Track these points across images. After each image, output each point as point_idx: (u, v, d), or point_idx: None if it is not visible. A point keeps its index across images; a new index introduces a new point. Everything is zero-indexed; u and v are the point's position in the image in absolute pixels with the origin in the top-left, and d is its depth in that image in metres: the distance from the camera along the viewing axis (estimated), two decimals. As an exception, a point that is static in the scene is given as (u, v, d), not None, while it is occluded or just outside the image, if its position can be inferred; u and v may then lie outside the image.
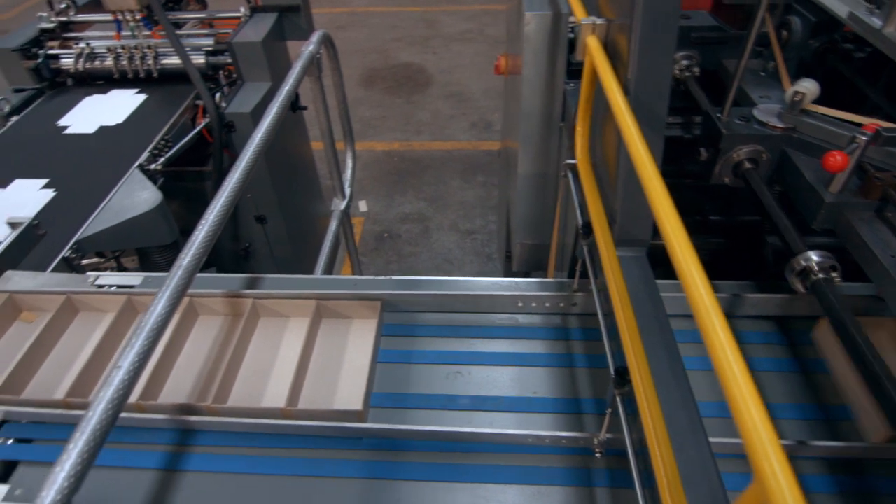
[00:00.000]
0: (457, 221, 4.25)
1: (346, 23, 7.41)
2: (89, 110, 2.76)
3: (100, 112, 2.73)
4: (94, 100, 2.86)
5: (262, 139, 1.37)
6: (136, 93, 2.89)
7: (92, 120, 2.67)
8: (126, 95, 2.87)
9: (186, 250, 1.06)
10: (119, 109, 2.74)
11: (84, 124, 2.64)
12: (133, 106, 2.77)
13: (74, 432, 0.78)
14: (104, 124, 2.63)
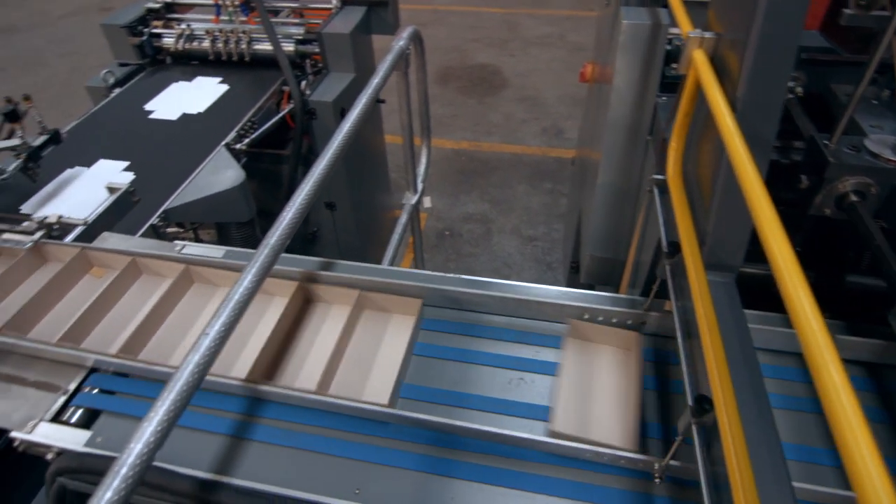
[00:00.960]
0: (519, 226, 4.21)
1: (427, 20, 7.49)
2: (174, 97, 2.88)
3: (184, 99, 2.84)
4: (180, 87, 2.99)
5: (351, 128, 1.40)
6: (219, 82, 3.00)
7: (175, 107, 2.78)
8: (210, 84, 2.99)
9: (273, 230, 1.10)
10: (202, 98, 2.84)
11: (168, 111, 2.75)
12: (216, 95, 2.87)
13: (163, 391, 0.82)
14: (187, 112, 2.75)
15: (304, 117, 2.80)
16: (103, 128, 2.66)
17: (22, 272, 1.47)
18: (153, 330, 1.33)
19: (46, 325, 1.33)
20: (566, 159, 4.84)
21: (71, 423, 1.16)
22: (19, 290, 1.46)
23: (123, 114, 2.77)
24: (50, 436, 1.13)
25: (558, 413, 1.11)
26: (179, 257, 1.45)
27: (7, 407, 1.20)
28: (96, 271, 1.52)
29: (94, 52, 7.10)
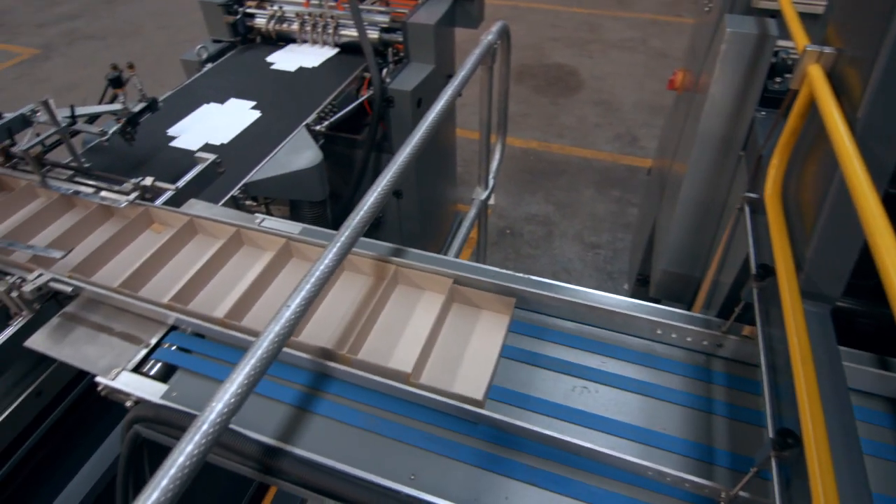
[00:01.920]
0: (583, 232, 4.13)
1: (507, 16, 7.43)
2: (289, 56, 3.08)
3: (298, 59, 3.05)
4: (295, 47, 3.19)
5: (435, 118, 1.41)
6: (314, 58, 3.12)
7: (293, 61, 3.01)
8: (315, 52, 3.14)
9: (357, 212, 1.13)
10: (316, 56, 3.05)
11: (286, 65, 2.98)
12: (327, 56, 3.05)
13: (245, 356, 0.85)
14: (303, 66, 2.95)
15: (382, 105, 2.85)
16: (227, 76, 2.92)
17: (122, 231, 1.56)
18: (233, 297, 1.38)
19: (135, 280, 1.40)
20: (638, 168, 4.71)
21: (150, 376, 1.23)
22: (114, 248, 1.54)
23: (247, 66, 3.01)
24: (130, 385, 1.21)
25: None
26: (272, 230, 1.50)
27: (95, 353, 1.29)
28: (157, 227, 1.61)
29: (188, 27, 7.47)
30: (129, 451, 1.20)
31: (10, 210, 1.69)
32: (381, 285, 1.35)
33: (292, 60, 3.04)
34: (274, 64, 3.02)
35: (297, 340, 1.19)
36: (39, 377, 1.51)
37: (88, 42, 7.45)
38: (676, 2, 7.79)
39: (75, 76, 6.56)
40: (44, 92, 5.09)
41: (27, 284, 1.34)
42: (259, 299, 1.38)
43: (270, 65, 3.01)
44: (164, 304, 1.30)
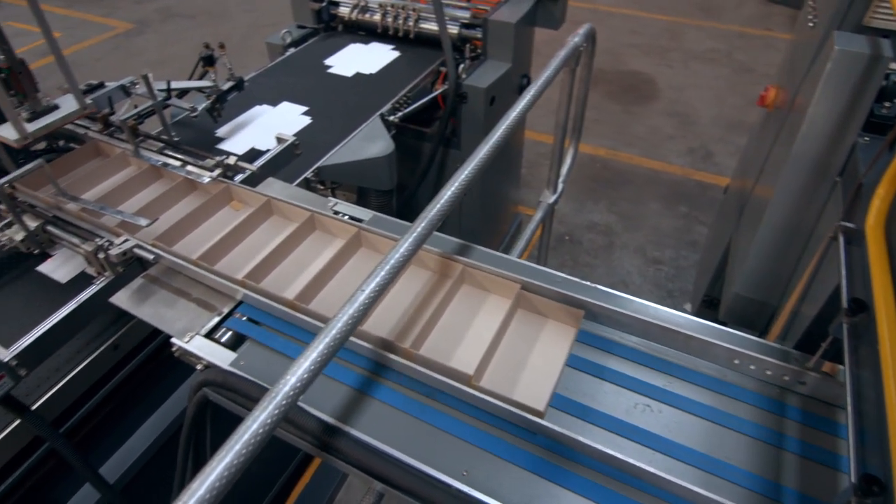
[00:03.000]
0: (645, 246, 4.02)
1: (585, 19, 7.26)
2: (351, 56, 3.09)
3: (359, 60, 3.04)
4: (356, 48, 3.19)
5: (517, 117, 1.40)
6: (391, 48, 3.16)
7: (351, 65, 2.98)
8: (383, 49, 3.15)
9: (433, 204, 1.14)
10: (375, 61, 3.02)
11: (344, 68, 2.96)
12: (387, 60, 3.04)
13: (319, 335, 0.87)
14: (360, 71, 2.92)
15: (455, 100, 2.85)
16: (286, 76, 2.91)
17: (203, 205, 1.63)
18: (303, 280, 1.42)
19: (212, 254, 1.46)
20: (710, 185, 4.53)
21: (220, 343, 1.28)
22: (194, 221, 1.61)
23: (305, 66, 3.01)
24: (202, 349, 1.26)
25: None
26: (329, 214, 1.53)
27: (172, 315, 1.36)
28: (235, 204, 1.67)
29: (272, 12, 7.75)
30: (196, 411, 1.26)
31: (104, 175, 1.80)
32: (447, 283, 1.36)
33: (351, 64, 2.99)
34: (332, 68, 2.97)
35: (360, 329, 1.21)
36: (117, 333, 1.61)
37: (180, 20, 7.84)
38: (767, 14, 7.43)
39: (165, 52, 6.92)
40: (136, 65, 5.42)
41: (114, 248, 1.43)
42: (327, 285, 1.41)
43: (328, 68, 2.96)
44: (237, 280, 1.35)
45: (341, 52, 3.13)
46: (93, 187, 1.76)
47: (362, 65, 2.98)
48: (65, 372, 1.51)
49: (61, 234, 1.51)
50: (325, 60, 3.04)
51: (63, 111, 1.60)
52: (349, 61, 3.03)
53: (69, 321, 1.41)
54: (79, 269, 1.70)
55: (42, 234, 1.55)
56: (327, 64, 3.00)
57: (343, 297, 1.36)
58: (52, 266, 1.74)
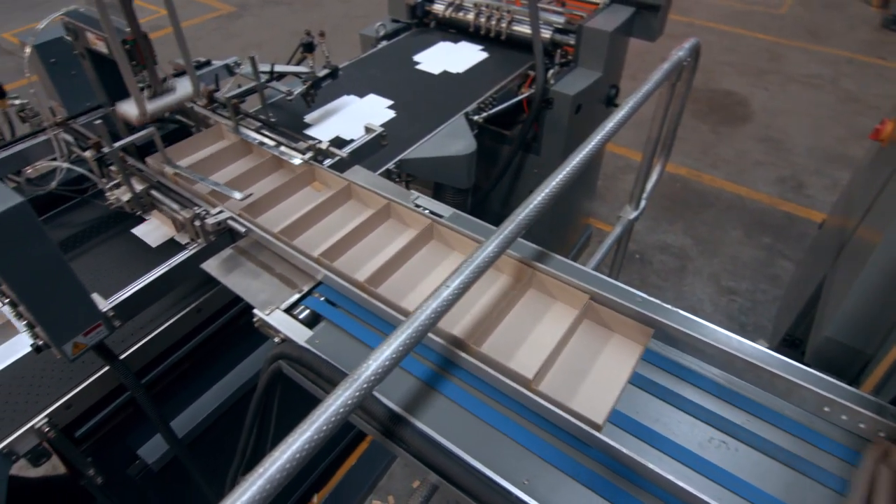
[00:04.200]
0: (720, 274, 3.83)
1: (679, 32, 7.03)
2: (440, 54, 3.12)
3: (447, 58, 3.07)
4: (445, 46, 3.22)
5: (614, 127, 1.37)
6: (480, 49, 3.16)
7: (439, 63, 3.01)
8: (472, 49, 3.16)
9: (522, 208, 1.13)
10: (463, 60, 3.04)
11: (432, 65, 3.00)
12: (475, 60, 3.05)
13: (402, 325, 0.89)
14: (448, 70, 2.95)
15: (541, 105, 2.83)
16: (376, 68, 2.98)
17: (288, 183, 1.69)
18: (374, 264, 1.45)
19: (292, 229, 1.51)
20: (799, 218, 4.26)
21: (299, 319, 1.32)
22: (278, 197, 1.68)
23: (393, 60, 3.07)
24: (281, 323, 1.31)
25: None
26: (409, 206, 1.55)
27: (256, 287, 1.42)
28: (317, 185, 1.73)
29: (365, 3, 7.95)
30: (269, 380, 1.31)
31: (203, 147, 1.91)
32: (514, 285, 1.35)
33: (439, 62, 3.02)
34: (420, 64, 3.01)
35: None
36: (200, 297, 1.70)
37: (277, 7, 8.19)
38: (881, 42, 6.91)
39: (261, 36, 7.25)
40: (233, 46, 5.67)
41: (210, 218, 1.50)
42: (396, 272, 1.43)
43: (416, 64, 3.01)
44: (313, 256, 1.39)
45: (430, 50, 3.16)
46: (192, 157, 1.86)
47: (450, 63, 3.00)
48: (151, 329, 1.61)
49: (163, 198, 1.61)
50: (415, 56, 3.08)
51: (179, 93, 1.71)
52: (437, 59, 3.06)
53: (163, 281, 1.50)
54: (168, 236, 1.81)
55: (146, 198, 1.66)
56: (416, 60, 3.05)
57: (410, 286, 1.40)
58: (145, 230, 1.87)
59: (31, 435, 1.40)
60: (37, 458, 1.45)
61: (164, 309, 1.66)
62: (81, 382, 1.47)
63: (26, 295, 1.19)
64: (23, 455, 1.40)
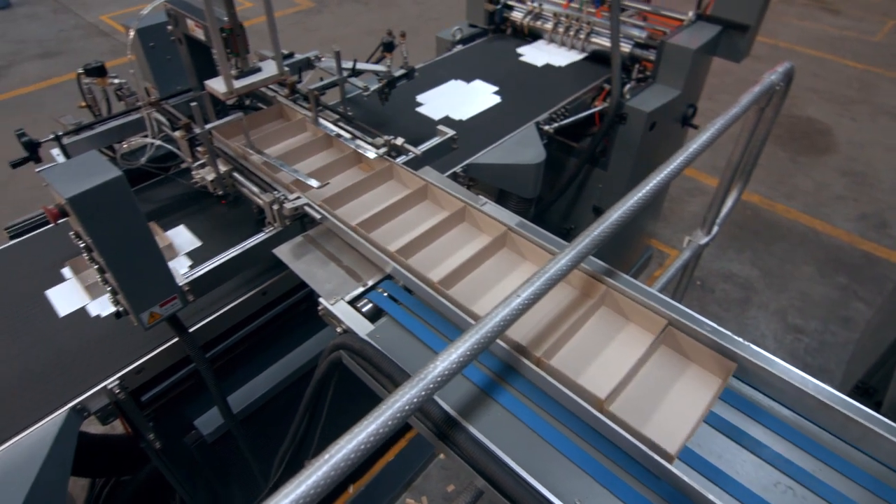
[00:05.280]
0: (787, 311, 3.64)
1: (763, 54, 6.76)
2: (538, 52, 3.16)
3: (546, 56, 3.11)
4: (523, 51, 3.22)
5: (698, 148, 1.33)
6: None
7: (541, 57, 3.07)
8: (562, 53, 3.16)
9: (598, 224, 1.11)
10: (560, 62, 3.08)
11: (534, 59, 3.07)
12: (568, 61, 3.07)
13: (471, 329, 0.89)
14: (550, 63, 3.00)
15: (614, 120, 2.77)
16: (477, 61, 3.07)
17: (367, 178, 1.72)
18: (447, 266, 1.45)
19: (369, 224, 1.54)
20: (881, 259, 4.00)
21: (362, 312, 1.35)
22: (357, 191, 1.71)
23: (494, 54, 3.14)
24: (344, 314, 1.34)
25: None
26: (481, 210, 1.55)
27: (323, 276, 1.45)
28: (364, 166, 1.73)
29: (439, 6, 8.04)
30: (327, 368, 1.34)
31: (284, 136, 1.97)
32: (586, 301, 1.32)
33: (540, 56, 3.10)
34: (523, 56, 3.09)
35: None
36: (267, 281, 1.76)
37: (353, 4, 8.40)
38: None
39: (337, 32, 7.45)
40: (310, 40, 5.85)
41: (288, 203, 1.55)
42: (468, 276, 1.43)
43: (519, 56, 3.10)
44: (389, 252, 1.41)
45: (531, 46, 3.19)
46: (273, 145, 1.93)
47: (552, 58, 3.03)
48: (218, 307, 1.68)
49: (244, 181, 1.68)
50: (518, 49, 3.13)
51: (265, 74, 1.77)
52: (539, 54, 3.09)
53: (236, 261, 1.56)
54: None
55: (228, 179, 1.73)
56: (519, 52, 3.10)
57: (480, 291, 1.39)
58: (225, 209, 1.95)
59: (102, 395, 1.48)
60: (105, 416, 1.53)
61: (231, 289, 1.73)
62: (152, 350, 1.55)
63: (115, 263, 1.26)
64: (94, 412, 1.49)
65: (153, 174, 2.09)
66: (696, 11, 3.02)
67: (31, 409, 1.40)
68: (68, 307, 1.66)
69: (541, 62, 3.04)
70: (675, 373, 1.20)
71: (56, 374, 1.48)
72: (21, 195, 4.62)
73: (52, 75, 6.49)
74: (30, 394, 1.44)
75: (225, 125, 1.78)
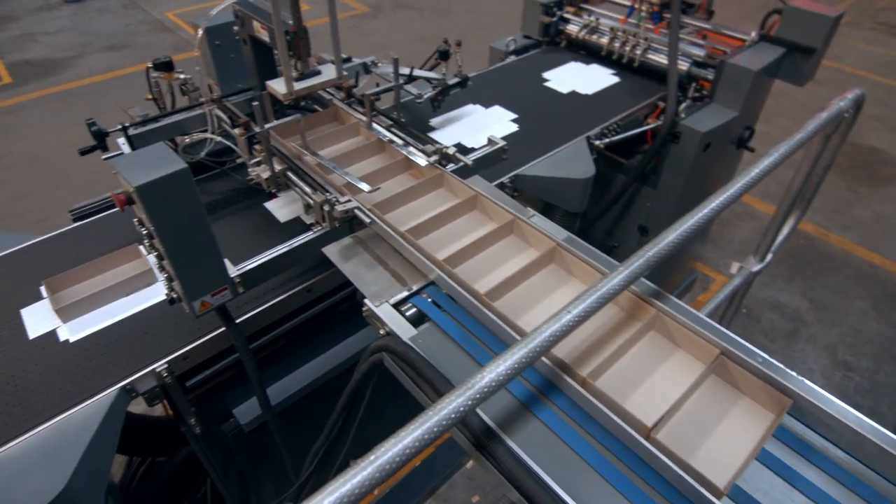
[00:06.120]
0: (837, 346, 3.48)
1: (826, 78, 6.51)
2: (570, 74, 3.09)
3: (577, 79, 3.04)
4: (576, 66, 3.18)
5: (759, 174, 1.29)
6: (611, 73, 3.10)
7: (568, 82, 2.99)
8: (603, 73, 3.11)
9: (653, 245, 1.09)
10: (593, 83, 2.99)
11: (561, 84, 2.98)
12: (605, 84, 2.99)
13: (520, 343, 0.88)
14: (576, 90, 2.92)
15: (667, 138, 2.72)
16: (504, 80, 3.02)
17: (418, 185, 1.73)
18: (494, 279, 1.45)
19: (418, 230, 1.55)
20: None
21: (405, 316, 1.36)
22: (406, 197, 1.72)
23: (522, 75, 3.09)
24: (389, 317, 1.35)
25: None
26: (529, 223, 1.54)
27: (369, 278, 1.47)
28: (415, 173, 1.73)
29: (491, 16, 8.07)
30: (368, 369, 1.35)
31: (338, 139, 2.01)
32: (634, 324, 1.30)
33: (568, 81, 3.01)
34: (548, 81, 3.02)
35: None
36: (312, 279, 1.79)
37: (408, 11, 8.52)
38: None
39: (390, 37, 7.57)
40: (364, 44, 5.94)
41: (339, 205, 1.58)
42: (514, 289, 1.42)
43: (545, 81, 3.03)
44: (437, 260, 1.41)
45: (560, 68, 3.15)
46: (327, 147, 1.97)
47: (579, 84, 2.97)
48: (264, 300, 1.72)
49: (298, 180, 1.72)
50: (544, 73, 3.08)
51: (324, 77, 1.82)
52: (567, 78, 3.04)
53: (286, 257, 1.60)
54: (296, 213, 1.93)
55: (282, 178, 1.78)
56: (545, 77, 3.04)
57: (526, 306, 1.38)
58: (276, 205, 2.00)
59: (151, 377, 1.53)
60: (152, 398, 1.59)
61: (277, 284, 1.77)
62: (200, 338, 1.60)
63: (174, 251, 1.31)
64: (141, 393, 1.54)
65: (209, 168, 2.16)
66: (760, 32, 2.94)
67: (86, 386, 1.46)
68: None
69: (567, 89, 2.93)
70: (726, 405, 1.16)
71: (107, 355, 1.55)
72: (83, 180, 4.85)
73: (117, 67, 6.81)
74: (85, 371, 1.50)
75: (282, 125, 1.83)
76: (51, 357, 1.54)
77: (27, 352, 1.56)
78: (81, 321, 1.64)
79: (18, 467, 1.28)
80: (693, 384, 1.13)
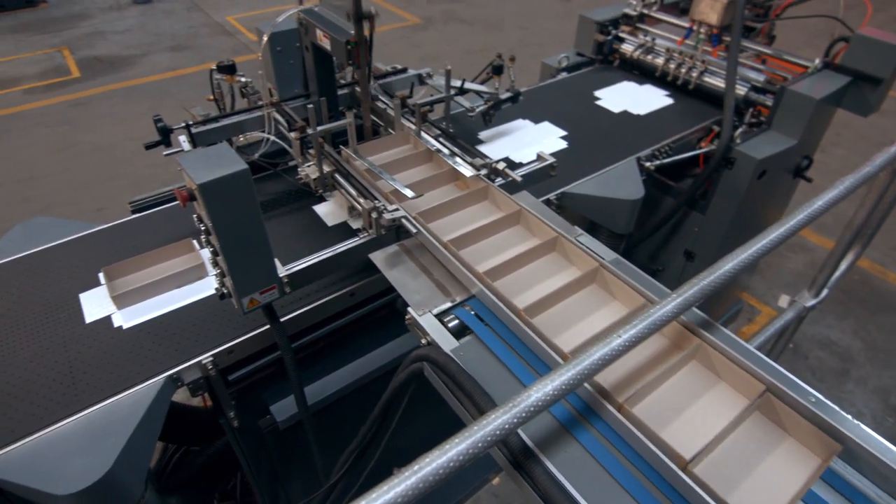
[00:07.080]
0: (890, 390, 3.31)
1: (890, 109, 6.25)
2: (622, 93, 3.06)
3: (630, 98, 3.00)
4: (629, 86, 3.15)
5: (823, 206, 1.24)
6: (665, 94, 3.06)
7: (620, 102, 2.96)
8: (657, 94, 3.07)
9: (708, 274, 1.06)
10: (646, 103, 2.95)
11: (613, 102, 2.95)
12: (658, 105, 2.95)
13: (568, 364, 0.87)
14: (628, 110, 2.88)
15: (720, 163, 2.65)
16: (555, 97, 3.02)
17: (463, 197, 1.74)
18: (533, 295, 1.44)
19: (460, 241, 1.56)
20: None
21: (448, 327, 1.36)
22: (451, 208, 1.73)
23: (573, 92, 3.08)
24: (431, 327, 1.36)
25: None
26: (573, 241, 1.53)
27: (413, 287, 1.48)
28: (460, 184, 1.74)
29: (542, 32, 8.07)
30: (407, 377, 1.36)
31: (389, 147, 2.04)
32: (678, 353, 1.26)
33: (620, 100, 2.98)
34: (600, 100, 3.00)
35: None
36: (356, 283, 1.81)
37: (459, 24, 8.61)
38: None
39: (440, 49, 7.66)
40: (414, 55, 6.03)
41: (386, 213, 1.60)
42: (553, 307, 1.40)
43: (596, 99, 3.01)
44: (477, 272, 1.41)
45: (613, 87, 3.12)
46: (376, 153, 2.00)
47: (632, 104, 2.94)
48: (308, 301, 1.75)
49: (345, 184, 1.75)
50: (595, 91, 3.06)
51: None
52: (619, 97, 3.01)
53: (333, 260, 1.63)
54: (343, 218, 1.97)
55: (330, 180, 1.82)
56: (596, 95, 3.02)
57: (564, 325, 1.36)
58: (324, 209, 2.04)
59: (196, 368, 1.58)
60: (196, 389, 1.63)
61: (322, 286, 1.80)
62: (245, 334, 1.64)
63: (228, 248, 1.35)
64: (187, 383, 1.59)
65: (263, 168, 2.23)
66: (824, 59, 2.85)
67: (135, 372, 1.52)
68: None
69: (619, 109, 2.90)
70: (769, 444, 1.12)
71: (157, 344, 1.60)
72: (138, 174, 5.06)
73: (178, 67, 7.11)
74: (135, 357, 1.56)
75: (336, 128, 1.87)
76: (104, 342, 1.61)
77: (83, 335, 1.63)
78: (135, 309, 1.70)
79: (66, 447, 1.33)
80: (734, 420, 1.10)
